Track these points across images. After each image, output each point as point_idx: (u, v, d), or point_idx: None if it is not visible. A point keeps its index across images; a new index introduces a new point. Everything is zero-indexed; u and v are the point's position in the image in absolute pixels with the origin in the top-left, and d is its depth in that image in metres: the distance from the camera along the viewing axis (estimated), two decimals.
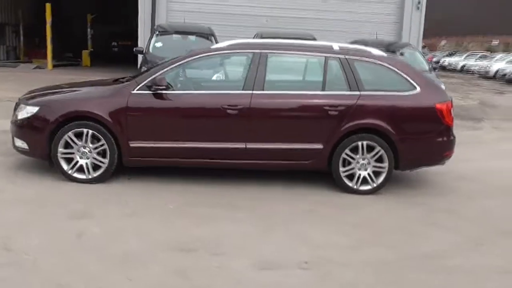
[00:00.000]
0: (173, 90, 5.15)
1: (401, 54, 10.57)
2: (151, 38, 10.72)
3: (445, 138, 5.33)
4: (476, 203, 5.20)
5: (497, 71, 23.11)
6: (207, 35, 10.96)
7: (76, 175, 5.16)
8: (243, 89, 5.16)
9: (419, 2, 13.27)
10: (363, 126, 5.18)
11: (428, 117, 5.27)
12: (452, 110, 5.37)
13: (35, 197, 4.69)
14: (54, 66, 16.96)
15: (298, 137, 5.19)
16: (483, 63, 26.57)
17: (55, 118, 5.05)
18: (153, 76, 5.13)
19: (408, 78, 5.31)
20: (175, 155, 5.19)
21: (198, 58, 5.29)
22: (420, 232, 4.37)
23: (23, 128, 5.24)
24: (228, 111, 5.08)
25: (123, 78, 6.03)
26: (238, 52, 5.41)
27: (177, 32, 11.07)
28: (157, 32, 10.77)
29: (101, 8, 22.45)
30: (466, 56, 32.49)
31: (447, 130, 5.34)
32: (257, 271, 3.45)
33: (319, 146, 5.19)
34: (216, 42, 10.73)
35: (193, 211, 4.55)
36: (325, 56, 5.31)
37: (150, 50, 10.31)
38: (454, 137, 5.41)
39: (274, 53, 5.33)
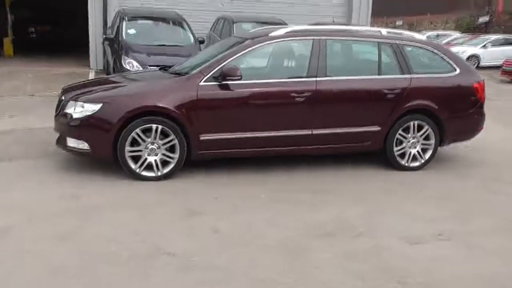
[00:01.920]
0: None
1: None
2: (120, 24, 10.20)
3: (480, 115, 5.89)
4: None
5: None
6: (179, 20, 10.69)
7: (144, 173, 4.96)
8: (307, 76, 5.27)
9: None
10: (415, 107, 5.55)
11: (468, 96, 5.79)
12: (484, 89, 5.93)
13: (123, 200, 4.46)
14: None
15: (359, 121, 5.44)
16: None
17: (123, 115, 4.79)
18: (220, 66, 5.05)
19: (449, 61, 5.77)
20: (244, 145, 5.18)
21: (260, 46, 5.28)
22: (494, 199, 4.85)
23: (82, 127, 4.89)
24: (296, 98, 5.17)
25: (169, 67, 5.87)
26: (298, 39, 5.46)
27: (148, 18, 10.66)
28: (127, 18, 10.27)
29: None
30: None
31: (481, 107, 5.90)
32: (412, 247, 3.69)
33: (377, 128, 5.47)
34: (189, 28, 10.54)
35: (289, 198, 4.62)
36: (378, 42, 5.58)
37: (124, 36, 9.85)
38: (485, 113, 5.99)
39: (332, 39, 5.48)
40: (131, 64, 9.03)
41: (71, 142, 4.99)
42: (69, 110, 4.99)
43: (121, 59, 9.19)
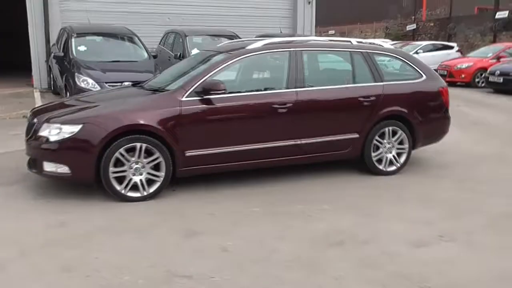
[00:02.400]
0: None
1: None
2: (68, 41, 9.82)
3: (446, 118, 6.19)
4: (481, 169, 6.15)
5: None
6: (130, 36, 10.46)
7: (130, 194, 4.77)
8: (287, 88, 5.30)
9: None
10: (389, 113, 5.74)
11: (435, 100, 6.07)
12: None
13: (114, 223, 4.26)
14: None
15: (338, 129, 5.54)
16: None
17: (105, 135, 4.58)
18: (201, 81, 4.97)
19: (416, 67, 6.03)
20: (230, 159, 5.12)
21: (240, 59, 5.25)
22: (473, 198, 5.05)
23: (61, 150, 4.62)
24: (279, 110, 5.19)
25: (142, 83, 5.69)
26: (276, 52, 5.49)
27: (97, 34, 10.33)
28: (75, 35, 9.90)
29: None
30: None
31: (447, 111, 6.20)
32: (419, 250, 3.78)
33: (356, 135, 5.60)
34: (141, 43, 10.33)
35: (283, 210, 4.61)
36: (350, 52, 5.73)
37: (75, 54, 9.48)
38: (450, 116, 6.29)
39: (307, 50, 5.56)
40: (86, 81, 8.71)
41: (49, 167, 4.70)
42: (43, 133, 4.71)
43: (75, 77, 8.83)
